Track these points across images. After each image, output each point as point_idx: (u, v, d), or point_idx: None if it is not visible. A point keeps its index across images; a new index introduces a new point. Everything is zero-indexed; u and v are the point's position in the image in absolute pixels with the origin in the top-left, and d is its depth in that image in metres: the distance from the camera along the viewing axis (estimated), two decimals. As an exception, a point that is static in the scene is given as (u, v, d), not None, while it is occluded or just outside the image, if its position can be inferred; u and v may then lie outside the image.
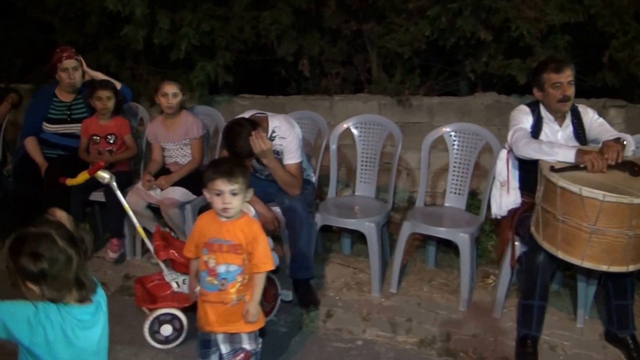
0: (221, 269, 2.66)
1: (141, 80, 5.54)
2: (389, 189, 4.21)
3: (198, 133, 4.28)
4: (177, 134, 4.29)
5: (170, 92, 4.20)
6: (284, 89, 5.63)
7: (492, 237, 4.41)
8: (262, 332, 2.92)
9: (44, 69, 5.98)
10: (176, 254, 3.35)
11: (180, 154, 4.35)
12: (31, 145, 4.52)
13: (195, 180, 4.18)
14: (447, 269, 4.26)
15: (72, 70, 4.48)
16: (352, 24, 5.16)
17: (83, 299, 1.86)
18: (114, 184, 3.48)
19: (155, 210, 4.25)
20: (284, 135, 3.76)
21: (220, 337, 2.78)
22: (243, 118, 3.62)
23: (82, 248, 1.84)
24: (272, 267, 2.68)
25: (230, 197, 2.56)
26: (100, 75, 4.64)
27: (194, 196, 4.19)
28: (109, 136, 4.41)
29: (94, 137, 4.43)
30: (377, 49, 5.24)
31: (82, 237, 1.87)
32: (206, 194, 2.63)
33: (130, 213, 3.48)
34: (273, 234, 3.71)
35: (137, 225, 3.48)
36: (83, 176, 3.44)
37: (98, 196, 4.35)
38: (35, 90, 5.41)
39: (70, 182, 3.45)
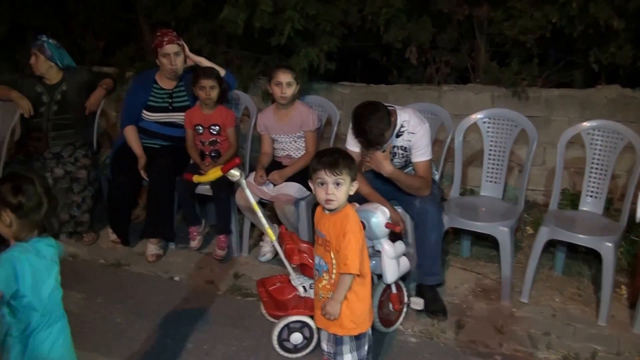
0: (316, 260, 2.62)
1: (233, 65, 5.26)
2: (520, 190, 3.86)
3: (313, 125, 3.99)
4: (291, 126, 4.01)
5: (285, 81, 3.91)
6: (382, 77, 5.30)
7: (620, 243, 4.05)
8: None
9: (127, 51, 5.82)
10: (309, 259, 3.08)
11: (293, 147, 4.07)
12: (131, 134, 4.30)
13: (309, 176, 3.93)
14: (576, 277, 3.91)
15: (174, 55, 4.22)
16: (464, 8, 4.80)
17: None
18: (244, 181, 3.21)
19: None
20: (413, 130, 3.45)
21: (323, 334, 2.70)
22: (380, 102, 3.32)
23: (53, 203, 2.16)
24: (353, 272, 2.45)
25: (334, 188, 2.45)
26: (204, 62, 4.36)
27: (308, 192, 3.92)
28: (212, 127, 4.15)
29: (197, 127, 4.17)
30: (487, 35, 4.88)
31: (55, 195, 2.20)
32: (311, 185, 2.55)
33: (260, 214, 3.20)
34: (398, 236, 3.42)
35: (267, 226, 3.21)
36: (215, 174, 3.16)
37: (204, 190, 4.10)
38: (134, 74, 5.20)
39: (197, 179, 3.18)
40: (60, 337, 2.23)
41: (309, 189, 3.86)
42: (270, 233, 3.20)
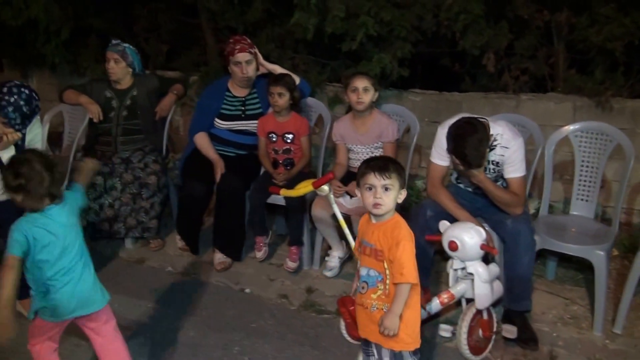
0: (363, 271, 2.51)
1: (300, 71, 5.12)
2: (615, 209, 3.63)
3: (393, 136, 3.82)
4: (369, 136, 3.85)
5: (361, 87, 3.75)
6: (452, 84, 5.11)
7: None
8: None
9: (191, 56, 5.75)
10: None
11: (370, 157, 3.92)
12: (202, 141, 4.19)
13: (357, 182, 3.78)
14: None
15: (246, 64, 4.10)
16: (544, 14, 4.58)
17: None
18: (332, 196, 3.05)
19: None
20: (507, 144, 3.25)
21: (377, 350, 2.56)
22: (475, 118, 3.13)
23: (56, 173, 2.44)
24: (411, 281, 2.34)
25: (382, 192, 2.36)
26: (277, 69, 4.24)
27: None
28: (286, 135, 4.02)
29: (271, 135, 4.05)
30: (566, 42, 4.66)
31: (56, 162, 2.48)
32: (358, 192, 2.47)
33: (347, 230, 3.03)
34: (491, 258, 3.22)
35: (352, 242, 3.04)
36: (305, 189, 2.99)
37: (277, 199, 3.97)
38: (198, 79, 5.12)
39: (285, 193, 3.04)
40: (80, 283, 2.53)
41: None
42: (343, 224, 3.05)
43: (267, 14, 5.07)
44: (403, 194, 2.44)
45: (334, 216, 3.66)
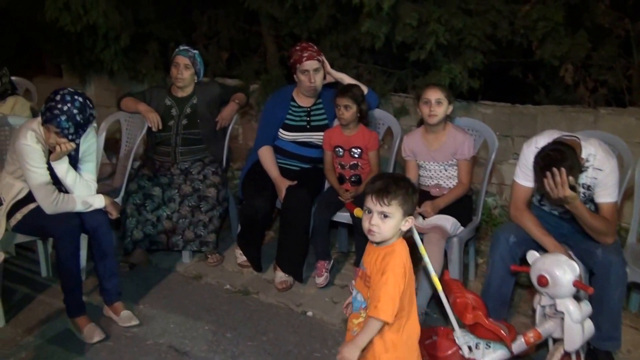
0: (354, 293, 2.34)
1: (364, 81, 4.89)
2: None
3: (468, 153, 3.58)
4: (442, 152, 3.61)
5: (434, 99, 3.53)
6: (523, 96, 4.81)
7: None
8: None
9: (251, 64, 5.59)
10: (484, 318, 2.66)
11: (443, 175, 3.67)
12: (266, 155, 4.00)
13: (462, 208, 3.52)
14: None
15: (313, 72, 3.91)
16: (625, 22, 4.27)
17: None
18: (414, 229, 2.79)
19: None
20: (600, 166, 2.96)
21: None
22: (561, 143, 2.86)
23: None
24: (382, 317, 2.11)
25: (378, 219, 2.16)
26: (345, 79, 4.04)
27: (461, 227, 3.52)
28: (354, 149, 3.81)
29: (337, 149, 3.85)
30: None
31: None
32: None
33: (427, 259, 2.78)
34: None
35: (433, 273, 2.79)
36: None
37: (343, 217, 3.76)
38: (269, 90, 4.97)
39: (358, 213, 2.79)
40: None
41: (462, 222, 3.48)
42: (437, 282, 2.78)
43: (331, 21, 4.86)
44: (410, 222, 2.21)
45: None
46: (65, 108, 3.20)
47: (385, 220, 2.16)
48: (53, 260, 3.81)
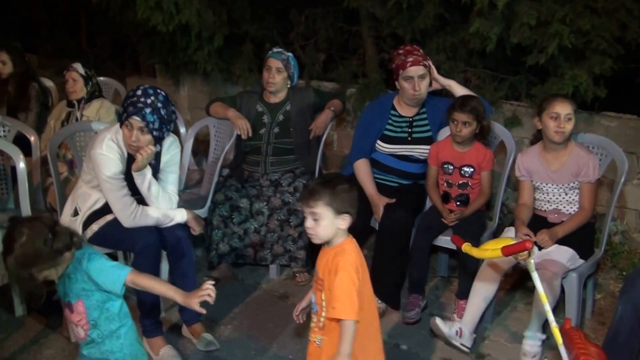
0: (312, 297, 2.31)
1: (471, 86, 4.47)
2: None
3: (593, 175, 3.10)
4: (563, 173, 3.15)
5: (564, 114, 3.08)
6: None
7: None
8: None
9: (349, 66, 5.26)
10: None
11: (563, 199, 3.21)
12: (362, 169, 3.64)
13: (583, 238, 3.05)
14: None
15: (418, 79, 3.52)
16: None
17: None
18: (532, 262, 2.38)
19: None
20: None
21: None
22: None
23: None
24: (344, 316, 2.08)
25: (312, 221, 2.17)
26: (454, 86, 3.63)
27: (582, 260, 3.05)
28: (465, 168, 3.40)
29: (446, 166, 3.44)
30: None
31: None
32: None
33: (547, 307, 2.34)
34: None
35: (554, 325, 2.35)
36: (493, 252, 2.33)
37: (445, 242, 3.37)
38: (366, 97, 4.64)
39: (468, 250, 2.41)
40: None
41: (583, 255, 3.02)
42: (558, 334, 2.35)
43: (438, 20, 4.45)
44: (346, 219, 2.18)
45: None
46: (149, 101, 2.97)
47: (318, 223, 2.16)
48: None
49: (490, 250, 2.33)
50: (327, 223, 2.16)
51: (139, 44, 6.31)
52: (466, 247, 2.42)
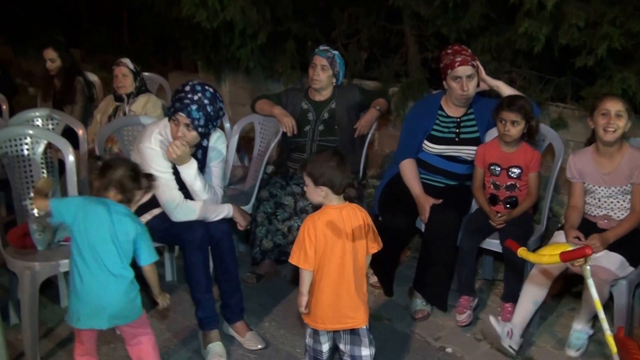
0: None
1: (516, 87, 4.40)
2: None
3: (646, 178, 3.05)
4: (616, 175, 3.10)
5: (614, 111, 3.02)
6: None
7: None
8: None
9: (391, 65, 5.25)
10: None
11: (615, 206, 3.15)
12: (409, 169, 3.62)
13: (634, 244, 3.00)
14: None
15: (466, 79, 3.49)
16: None
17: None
18: (588, 268, 2.34)
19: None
20: None
21: None
22: None
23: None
24: (293, 262, 2.57)
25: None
26: (502, 87, 3.59)
27: (631, 268, 3.00)
28: (512, 169, 3.36)
29: (493, 167, 3.41)
30: None
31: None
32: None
33: (602, 315, 2.30)
34: None
35: (608, 332, 2.30)
36: (551, 258, 2.29)
37: (493, 244, 3.35)
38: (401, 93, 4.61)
39: (524, 254, 2.38)
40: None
41: (632, 262, 2.97)
42: (612, 342, 2.30)
43: (484, 20, 4.41)
44: (323, 190, 2.51)
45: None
46: (196, 97, 2.98)
47: (308, 189, 2.59)
48: (179, 264, 3.70)
49: (548, 255, 2.29)
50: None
51: (182, 40, 6.37)
52: (522, 252, 2.39)
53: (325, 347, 2.67)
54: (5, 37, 9.43)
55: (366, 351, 2.64)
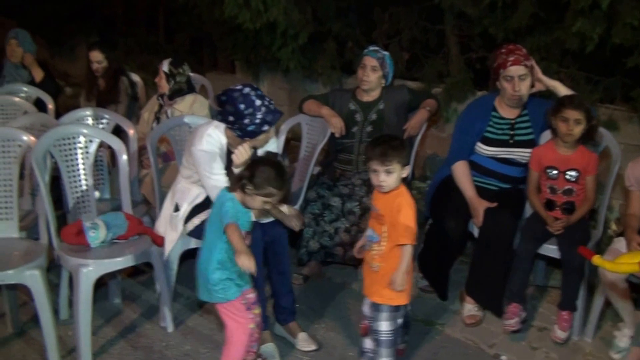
0: (368, 232, 2.81)
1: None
2: None
3: None
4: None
5: None
6: None
7: None
8: (406, 326, 3.00)
9: (434, 65, 5.19)
10: None
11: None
12: (462, 172, 3.55)
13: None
14: None
15: (519, 79, 3.42)
16: None
17: None
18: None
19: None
20: None
21: (366, 301, 2.86)
22: None
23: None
24: (409, 242, 2.64)
25: (385, 175, 2.66)
26: (559, 87, 3.50)
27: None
28: (570, 172, 3.28)
29: (549, 170, 3.33)
30: None
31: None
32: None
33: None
34: None
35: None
36: (630, 267, 2.22)
37: (551, 250, 3.27)
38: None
39: (599, 262, 2.29)
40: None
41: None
42: None
43: (532, 19, 4.33)
44: (406, 170, 2.71)
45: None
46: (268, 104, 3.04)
47: (390, 175, 2.65)
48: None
49: (626, 264, 2.22)
50: (396, 175, 2.66)
51: (220, 40, 6.38)
52: (597, 260, 2.31)
53: None
54: (44, 39, 9.52)
55: None
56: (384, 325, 2.75)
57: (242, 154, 3.01)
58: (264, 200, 2.63)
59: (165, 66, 4.24)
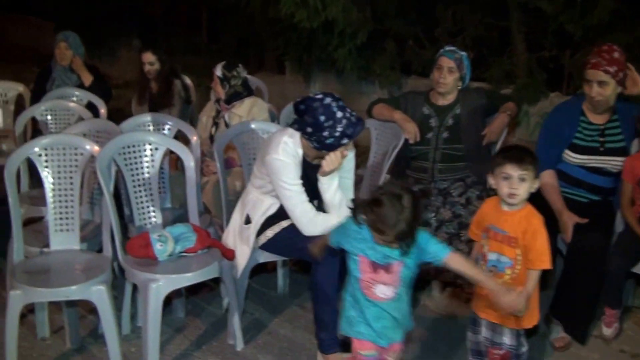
0: (492, 256, 2.58)
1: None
2: None
3: None
4: None
5: None
6: None
7: None
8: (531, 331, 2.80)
9: (502, 65, 4.96)
10: None
11: None
12: (550, 182, 3.30)
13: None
14: None
15: (597, 85, 3.17)
16: None
17: None
18: None
19: None
20: None
21: (483, 322, 2.67)
22: None
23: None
24: (547, 266, 2.48)
25: (518, 182, 2.46)
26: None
27: None
28: (670, 183, 3.02)
29: (646, 182, 3.08)
30: None
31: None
32: (491, 180, 2.54)
33: None
34: None
35: None
36: None
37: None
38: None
39: None
40: None
41: None
42: None
43: (613, 16, 4.08)
44: (537, 183, 2.50)
45: None
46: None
47: (523, 184, 2.45)
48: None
49: None
50: (528, 185, 2.47)
51: (270, 40, 6.22)
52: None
53: None
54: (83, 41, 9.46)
55: None
56: (525, 347, 2.66)
57: (332, 161, 2.85)
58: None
59: (218, 70, 4.07)
